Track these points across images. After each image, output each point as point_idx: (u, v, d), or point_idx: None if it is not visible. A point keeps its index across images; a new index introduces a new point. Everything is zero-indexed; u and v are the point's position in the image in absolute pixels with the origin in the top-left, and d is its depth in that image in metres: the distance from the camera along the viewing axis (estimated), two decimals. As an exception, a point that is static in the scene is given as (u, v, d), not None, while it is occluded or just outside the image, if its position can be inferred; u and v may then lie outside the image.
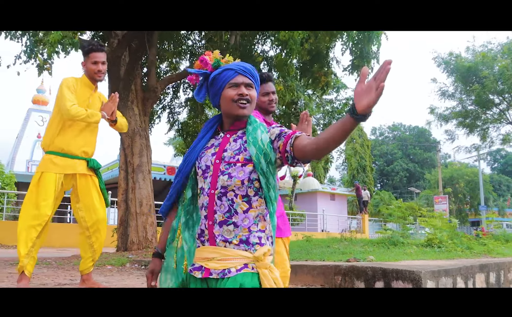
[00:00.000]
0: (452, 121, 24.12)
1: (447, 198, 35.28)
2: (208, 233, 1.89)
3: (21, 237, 3.75)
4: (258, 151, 1.94)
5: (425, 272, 3.74)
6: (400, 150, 67.53)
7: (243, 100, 1.99)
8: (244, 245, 1.89)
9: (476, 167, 45.51)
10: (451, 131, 25.35)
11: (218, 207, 1.90)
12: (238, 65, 2.04)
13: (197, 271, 1.88)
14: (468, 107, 23.20)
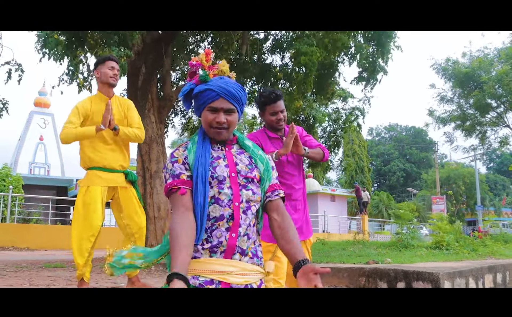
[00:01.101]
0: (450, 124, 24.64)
1: (444, 199, 35.74)
2: (228, 244, 1.82)
3: (76, 248, 4.08)
4: (265, 168, 2.01)
5: (443, 274, 4.20)
6: (396, 150, 67.92)
7: (219, 128, 1.94)
8: (256, 258, 1.91)
9: (472, 167, 45.97)
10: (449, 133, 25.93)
11: (243, 220, 1.87)
12: (221, 88, 1.94)
13: (209, 285, 1.76)
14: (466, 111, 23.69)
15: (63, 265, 7.66)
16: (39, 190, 25.72)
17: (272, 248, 3.36)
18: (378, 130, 74.88)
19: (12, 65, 9.20)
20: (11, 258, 8.80)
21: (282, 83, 11.35)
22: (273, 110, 3.49)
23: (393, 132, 74.05)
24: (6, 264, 7.38)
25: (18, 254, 10.41)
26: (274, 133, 3.57)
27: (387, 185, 63.07)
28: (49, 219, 17.16)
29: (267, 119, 3.54)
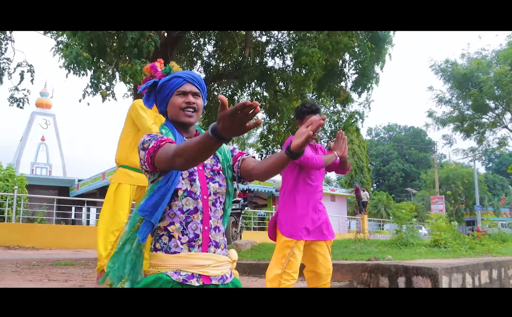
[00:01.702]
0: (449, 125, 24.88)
1: (443, 199, 35.97)
2: (203, 238, 1.86)
3: (101, 241, 4.35)
4: (224, 159, 2.01)
5: (441, 269, 4.45)
6: (395, 150, 68.17)
7: (190, 108, 1.98)
8: (225, 249, 1.96)
9: (471, 167, 46.21)
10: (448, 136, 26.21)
11: (213, 213, 1.90)
12: (187, 74, 2.04)
13: (191, 279, 1.80)
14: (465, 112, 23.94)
15: (73, 263, 7.89)
16: (41, 190, 25.92)
17: (291, 244, 3.67)
18: (377, 130, 75.16)
19: (24, 66, 9.51)
20: (19, 257, 9.00)
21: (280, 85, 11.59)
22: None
23: (392, 132, 74.32)
24: (17, 262, 7.60)
25: (24, 253, 10.57)
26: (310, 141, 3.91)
27: (386, 185, 63.28)
28: (54, 218, 17.36)
29: None
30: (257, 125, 1.54)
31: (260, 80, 11.60)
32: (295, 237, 3.75)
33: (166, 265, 1.80)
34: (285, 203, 3.92)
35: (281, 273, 3.71)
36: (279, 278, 3.72)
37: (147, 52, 6.81)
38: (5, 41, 9.48)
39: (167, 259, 1.81)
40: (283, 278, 3.72)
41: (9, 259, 8.46)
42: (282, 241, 3.79)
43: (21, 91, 9.73)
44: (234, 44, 11.62)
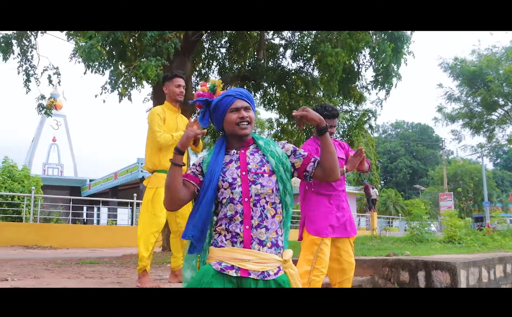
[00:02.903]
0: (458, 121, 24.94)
1: (452, 195, 36.01)
2: (244, 236, 2.07)
3: (142, 242, 4.56)
4: (277, 161, 2.18)
5: (459, 263, 4.69)
6: (403, 147, 68.16)
7: (244, 122, 2.21)
8: (274, 248, 2.10)
9: (479, 163, 46.19)
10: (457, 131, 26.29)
11: (254, 213, 2.09)
12: (235, 91, 2.27)
13: (229, 270, 2.04)
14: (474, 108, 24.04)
15: (97, 261, 8.14)
16: (53, 190, 26.26)
17: (318, 241, 3.90)
18: (384, 127, 75.10)
19: (50, 69, 9.81)
20: (40, 256, 9.18)
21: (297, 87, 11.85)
22: (331, 124, 4.12)
23: (399, 129, 74.28)
24: (43, 261, 7.82)
25: (43, 252, 10.79)
26: None
27: (394, 182, 63.30)
28: (70, 218, 17.67)
29: None
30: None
31: (278, 83, 11.83)
32: (321, 234, 3.96)
33: (213, 257, 2.10)
34: (309, 203, 4.12)
35: (311, 270, 3.91)
36: (309, 275, 3.91)
37: (167, 53, 7.00)
38: (30, 49, 9.77)
39: (214, 252, 2.11)
40: (313, 274, 3.92)
41: (33, 257, 8.65)
42: (309, 239, 4.00)
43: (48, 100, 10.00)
44: (247, 46, 11.84)
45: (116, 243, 13.57)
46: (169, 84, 4.82)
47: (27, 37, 9.67)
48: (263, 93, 13.15)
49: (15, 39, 9.56)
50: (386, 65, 9.27)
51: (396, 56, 9.52)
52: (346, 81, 9.86)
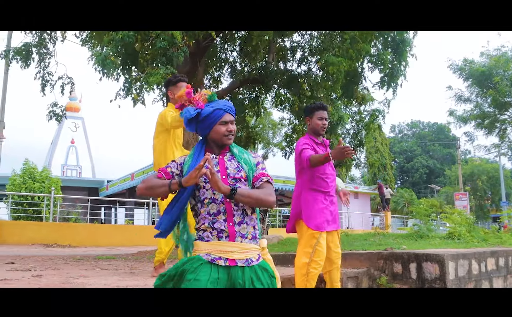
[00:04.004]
0: (471, 123, 24.99)
1: (467, 195, 35.84)
2: (229, 231, 2.36)
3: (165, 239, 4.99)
4: (249, 168, 2.52)
5: (447, 255, 4.99)
6: (419, 147, 67.78)
7: (230, 134, 2.55)
8: (253, 240, 2.43)
9: (496, 163, 45.82)
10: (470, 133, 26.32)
11: (235, 211, 2.40)
12: (225, 105, 2.57)
13: (219, 260, 2.33)
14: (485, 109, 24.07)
15: (114, 257, 8.56)
16: (72, 191, 26.87)
17: (317, 235, 4.29)
18: (400, 127, 74.63)
19: (64, 79, 10.32)
20: (61, 253, 9.59)
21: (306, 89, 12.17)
22: (321, 116, 4.49)
23: (415, 129, 73.77)
24: (63, 257, 8.27)
25: (63, 250, 11.09)
26: (317, 138, 4.53)
27: (410, 182, 62.97)
28: (88, 218, 18.19)
29: (314, 123, 4.51)
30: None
31: (286, 86, 12.20)
32: (321, 229, 4.32)
33: (200, 249, 2.38)
34: (306, 199, 4.47)
35: (309, 262, 4.27)
36: (308, 266, 4.27)
37: (177, 61, 7.37)
38: (48, 56, 10.28)
39: (201, 245, 2.39)
40: (311, 266, 4.27)
41: (53, 254, 9.09)
42: (309, 233, 4.35)
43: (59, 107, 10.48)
44: (258, 49, 12.18)
45: (133, 242, 13.88)
46: (173, 88, 5.05)
47: (45, 45, 10.18)
48: (274, 94, 13.51)
49: (34, 47, 10.08)
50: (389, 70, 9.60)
51: (399, 59, 9.83)
52: (350, 84, 10.19)
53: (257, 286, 2.34)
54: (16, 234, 13.02)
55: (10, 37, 12.16)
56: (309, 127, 4.60)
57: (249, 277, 2.35)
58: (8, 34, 11.91)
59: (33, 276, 4.50)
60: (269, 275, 2.43)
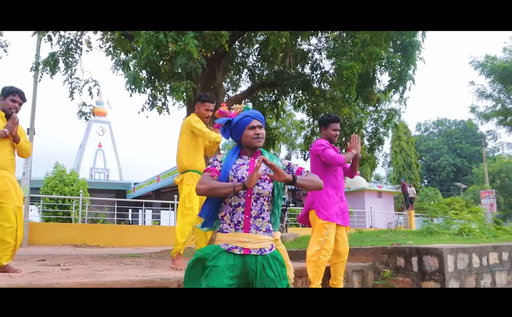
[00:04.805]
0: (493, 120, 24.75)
1: (494, 192, 35.32)
2: (244, 223, 2.69)
3: (179, 230, 5.38)
4: None
5: (446, 249, 5.27)
6: (446, 145, 66.92)
7: (258, 137, 2.84)
8: (267, 232, 2.75)
9: (526, 159, 45.00)
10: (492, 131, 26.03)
11: (254, 206, 2.71)
12: (253, 113, 2.88)
13: (234, 249, 2.65)
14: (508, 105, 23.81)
15: (138, 255, 8.99)
16: (100, 194, 27.54)
17: (327, 225, 4.77)
18: (426, 125, 73.79)
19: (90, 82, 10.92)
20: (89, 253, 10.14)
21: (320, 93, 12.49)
22: (335, 127, 5.03)
23: (441, 126, 72.83)
24: (91, 255, 8.74)
25: (91, 250, 11.53)
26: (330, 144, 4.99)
27: (437, 180, 62.24)
28: (115, 219, 18.75)
29: (329, 133, 5.03)
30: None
31: (301, 89, 12.54)
32: (330, 220, 4.79)
33: (220, 240, 2.72)
34: (319, 193, 4.87)
35: (320, 250, 4.74)
36: (318, 254, 4.72)
37: (196, 74, 7.82)
38: (75, 64, 10.89)
39: (221, 237, 2.73)
40: (322, 253, 4.74)
41: (81, 254, 9.60)
42: (319, 223, 4.82)
43: (88, 107, 11.14)
44: (275, 53, 12.51)
45: (159, 242, 14.15)
46: (200, 105, 5.62)
47: (72, 54, 10.77)
48: (292, 96, 13.84)
49: (61, 56, 10.68)
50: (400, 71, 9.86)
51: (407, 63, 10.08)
52: (363, 86, 10.47)
53: (268, 272, 2.65)
54: (47, 235, 13.57)
55: (39, 48, 12.76)
56: (324, 136, 5.04)
57: (261, 264, 2.66)
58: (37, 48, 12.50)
59: (62, 269, 4.95)
60: (280, 264, 2.73)
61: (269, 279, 2.65)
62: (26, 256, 7.72)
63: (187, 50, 6.88)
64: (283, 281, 2.71)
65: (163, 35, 6.89)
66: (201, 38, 7.49)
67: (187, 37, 6.95)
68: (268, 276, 2.65)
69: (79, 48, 11.07)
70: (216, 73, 11.22)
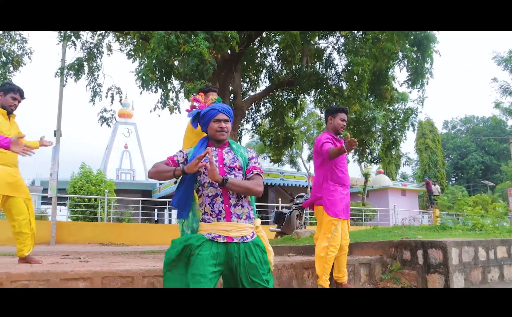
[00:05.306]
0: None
1: (523, 190, 34.62)
2: (225, 212, 2.83)
3: None
4: (243, 161, 2.97)
5: (450, 242, 5.38)
6: (473, 142, 65.78)
7: (222, 131, 2.99)
8: (248, 220, 2.90)
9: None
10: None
11: (231, 195, 2.86)
12: (220, 106, 3.03)
13: (218, 238, 2.79)
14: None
15: (158, 251, 9.28)
16: (126, 194, 28.07)
17: (336, 222, 4.91)
18: (453, 123, 72.64)
19: (113, 89, 11.29)
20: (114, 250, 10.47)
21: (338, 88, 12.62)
22: (343, 117, 5.18)
23: (469, 124, 71.61)
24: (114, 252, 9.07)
25: (116, 248, 11.93)
26: (336, 136, 5.18)
27: (465, 179, 61.22)
28: (140, 218, 19.13)
29: (336, 123, 5.18)
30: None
31: (315, 87, 12.70)
32: (338, 216, 4.96)
33: (203, 230, 2.86)
34: (327, 189, 5.07)
35: (328, 246, 4.92)
36: (327, 250, 4.90)
37: (207, 74, 8.08)
38: (97, 70, 11.29)
39: (204, 226, 2.87)
40: (330, 249, 4.92)
41: (105, 251, 9.93)
42: (328, 220, 4.99)
43: (109, 112, 11.51)
44: (292, 54, 12.71)
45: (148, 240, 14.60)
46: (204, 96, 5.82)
47: (95, 58, 11.17)
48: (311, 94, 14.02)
49: (86, 61, 11.08)
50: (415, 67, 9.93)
51: (424, 57, 10.15)
52: (376, 83, 10.57)
53: (250, 259, 2.83)
54: (73, 234, 13.98)
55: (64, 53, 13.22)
56: (331, 125, 5.21)
57: (244, 251, 2.84)
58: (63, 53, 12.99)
59: (80, 261, 5.25)
60: (261, 250, 2.92)
61: (251, 265, 2.83)
62: (51, 252, 8.08)
63: (199, 51, 7.13)
64: (264, 266, 2.89)
65: (174, 36, 7.15)
66: (212, 40, 7.74)
67: (198, 39, 7.20)
68: (251, 262, 2.83)
69: (100, 52, 11.47)
70: (233, 75, 11.48)
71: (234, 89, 12.50)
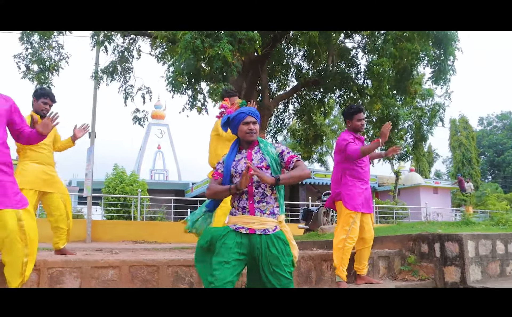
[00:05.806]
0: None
1: (559, 187, 33.89)
2: (249, 208, 3.07)
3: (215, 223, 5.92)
4: (271, 159, 3.14)
5: (467, 235, 5.51)
6: (510, 139, 64.21)
7: (251, 132, 3.19)
8: (272, 215, 3.10)
9: None
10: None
11: (256, 193, 3.09)
12: (247, 109, 3.22)
13: (241, 229, 3.04)
14: None
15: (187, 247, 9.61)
16: (159, 193, 28.60)
17: (354, 215, 5.13)
18: (489, 119, 71.04)
19: (143, 89, 11.73)
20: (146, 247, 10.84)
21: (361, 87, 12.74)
22: (359, 117, 5.31)
23: (506, 120, 69.92)
24: (146, 248, 9.45)
25: (148, 245, 12.44)
26: (356, 134, 5.33)
27: (502, 177, 59.91)
28: (172, 217, 19.54)
29: (354, 124, 5.33)
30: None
31: (340, 86, 12.86)
32: (356, 209, 5.16)
33: (230, 221, 3.16)
34: (346, 184, 5.28)
35: (346, 238, 5.13)
36: (344, 242, 5.11)
37: (231, 76, 8.38)
38: (129, 72, 11.74)
39: (231, 218, 3.17)
40: (347, 242, 5.12)
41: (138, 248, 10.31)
42: (346, 213, 5.19)
43: (142, 112, 11.95)
44: (319, 53, 12.90)
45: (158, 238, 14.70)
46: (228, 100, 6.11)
47: (126, 61, 11.62)
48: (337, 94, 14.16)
49: (119, 64, 11.55)
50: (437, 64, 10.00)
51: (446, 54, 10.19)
52: (400, 80, 10.66)
53: (272, 250, 3.05)
54: (108, 232, 14.38)
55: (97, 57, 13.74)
56: (350, 127, 5.37)
57: (266, 242, 3.06)
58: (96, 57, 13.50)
59: (111, 254, 5.59)
60: (283, 242, 3.12)
61: (273, 256, 3.05)
62: (86, 248, 8.49)
63: (222, 54, 7.43)
64: (287, 257, 3.10)
65: (199, 41, 7.46)
66: (236, 43, 8.03)
67: (222, 43, 7.50)
68: (272, 253, 3.05)
69: (131, 56, 11.92)
70: (260, 76, 11.74)
71: (261, 89, 12.76)
